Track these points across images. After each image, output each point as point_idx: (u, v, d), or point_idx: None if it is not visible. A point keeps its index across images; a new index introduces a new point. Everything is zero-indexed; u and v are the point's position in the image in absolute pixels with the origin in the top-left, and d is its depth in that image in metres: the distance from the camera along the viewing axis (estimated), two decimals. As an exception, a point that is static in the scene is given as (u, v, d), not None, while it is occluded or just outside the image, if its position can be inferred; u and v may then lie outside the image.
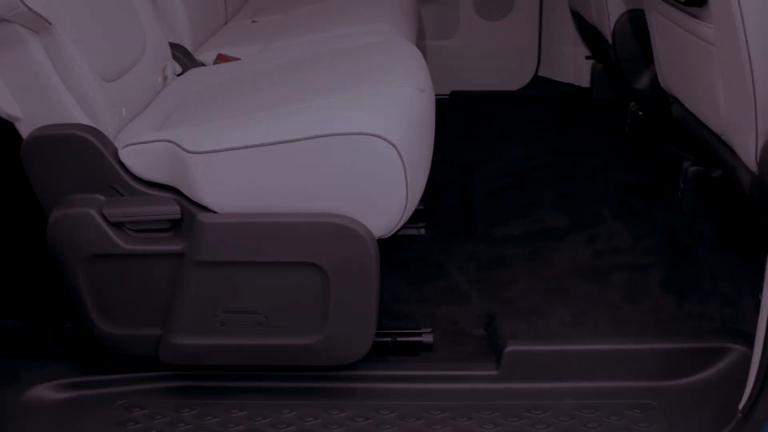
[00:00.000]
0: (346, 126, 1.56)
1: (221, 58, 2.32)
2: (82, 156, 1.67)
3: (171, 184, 1.67)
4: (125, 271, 1.71)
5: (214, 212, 1.63)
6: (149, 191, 1.68)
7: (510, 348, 1.81)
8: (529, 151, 2.94)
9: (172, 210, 1.66)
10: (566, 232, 2.34)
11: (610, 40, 2.77)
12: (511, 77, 3.65)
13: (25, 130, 1.69)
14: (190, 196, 1.64)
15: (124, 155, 1.68)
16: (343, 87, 1.76)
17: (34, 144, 1.67)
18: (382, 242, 2.26)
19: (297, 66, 2.03)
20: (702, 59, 1.84)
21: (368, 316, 1.69)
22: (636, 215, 2.41)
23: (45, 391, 1.81)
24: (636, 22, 2.64)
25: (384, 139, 1.55)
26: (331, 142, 1.56)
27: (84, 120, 1.69)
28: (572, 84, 3.63)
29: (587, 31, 3.27)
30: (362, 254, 1.62)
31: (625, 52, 2.72)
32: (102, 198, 1.69)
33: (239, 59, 2.32)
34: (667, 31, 2.08)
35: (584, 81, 3.58)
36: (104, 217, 1.67)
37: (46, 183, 1.70)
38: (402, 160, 1.57)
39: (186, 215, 1.66)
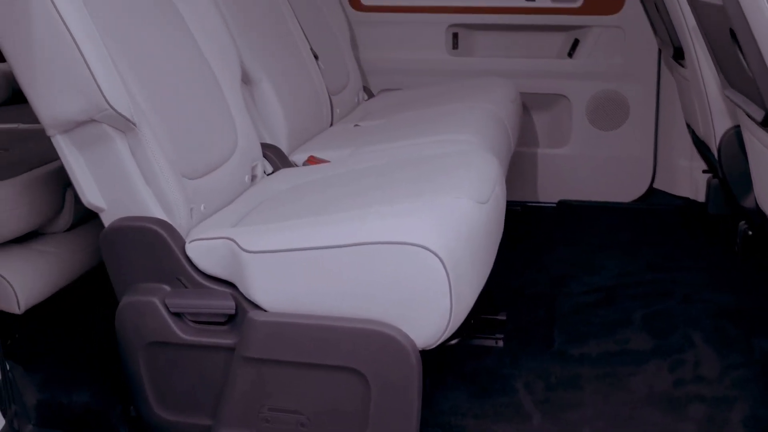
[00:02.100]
0: (392, 235, 1.58)
1: (311, 160, 2.41)
2: (153, 248, 1.77)
3: (230, 279, 1.74)
4: (182, 360, 1.78)
5: (265, 310, 1.68)
6: (210, 285, 1.76)
7: (561, 476, 1.71)
8: (628, 266, 2.82)
9: (228, 305, 1.73)
10: (649, 355, 2.21)
11: (716, 156, 2.66)
12: (624, 189, 3.56)
13: (107, 220, 1.83)
14: (245, 293, 1.70)
15: (190, 249, 1.77)
16: (403, 195, 1.79)
17: (112, 234, 1.80)
18: (452, 351, 2.24)
19: (371, 172, 2.09)
20: (786, 184, 1.73)
21: (409, 426, 1.65)
22: (731, 342, 2.25)
23: (103, 468, 1.89)
24: (742, 138, 2.52)
25: (429, 250, 1.55)
26: (376, 250, 1.58)
27: (160, 214, 1.80)
28: (688, 198, 3.49)
29: (701, 144, 3.16)
30: (403, 364, 1.61)
31: (731, 168, 2.59)
32: (167, 288, 1.78)
33: (328, 162, 2.40)
34: (757, 150, 1.98)
35: (701, 195, 3.43)
36: (166, 307, 1.76)
37: (119, 271, 1.82)
38: (447, 272, 1.56)
39: (240, 311, 1.72)
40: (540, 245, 3.10)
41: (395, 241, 1.57)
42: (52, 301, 2.21)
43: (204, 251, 1.76)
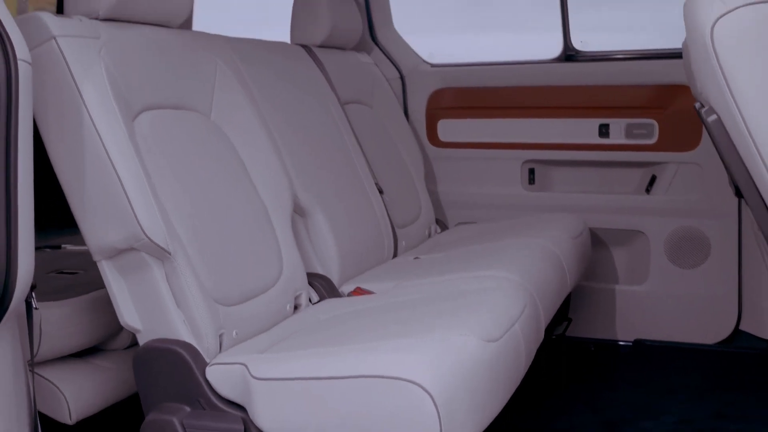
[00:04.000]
0: (386, 369, 1.62)
1: (356, 292, 2.49)
2: (177, 370, 1.88)
3: (242, 404, 1.82)
4: (195, 482, 1.85)
5: (268, 436, 1.74)
6: (225, 408, 1.84)
7: None
8: (692, 413, 2.68)
9: (237, 429, 1.80)
10: None
11: (784, 300, 2.53)
12: (707, 330, 3.39)
13: (141, 340, 1.96)
14: (252, 418, 1.77)
15: (210, 373, 1.87)
16: (415, 330, 1.83)
17: (143, 354, 1.93)
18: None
19: (402, 306, 2.14)
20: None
21: None
22: (787, 505, 2.08)
23: None
24: (806, 283, 2.40)
25: (419, 385, 1.58)
26: (372, 383, 1.62)
27: (188, 337, 1.92)
28: (776, 342, 3.29)
29: (782, 286, 3.01)
30: (393, 502, 1.60)
31: (799, 314, 2.46)
32: (188, 409, 1.87)
33: (373, 293, 2.47)
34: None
35: (789, 339, 3.23)
36: (184, 428, 1.85)
37: (147, 389, 1.93)
38: (437, 409, 1.57)
39: (248, 436, 1.78)
40: (605, 386, 2.99)
41: (388, 376, 1.61)
42: (103, 415, 2.34)
43: (222, 375, 1.85)
